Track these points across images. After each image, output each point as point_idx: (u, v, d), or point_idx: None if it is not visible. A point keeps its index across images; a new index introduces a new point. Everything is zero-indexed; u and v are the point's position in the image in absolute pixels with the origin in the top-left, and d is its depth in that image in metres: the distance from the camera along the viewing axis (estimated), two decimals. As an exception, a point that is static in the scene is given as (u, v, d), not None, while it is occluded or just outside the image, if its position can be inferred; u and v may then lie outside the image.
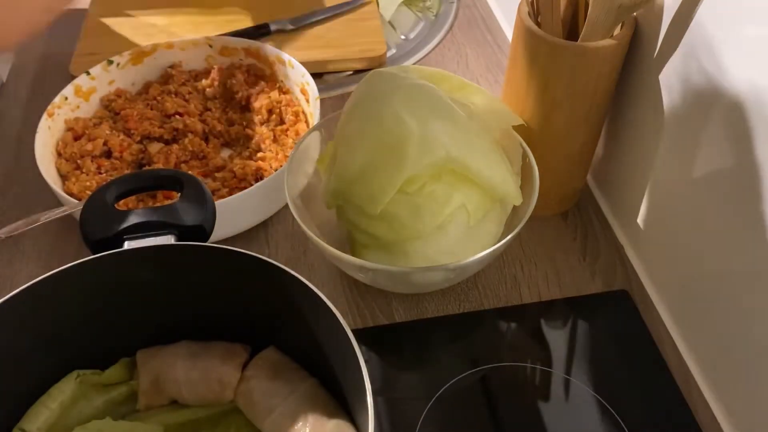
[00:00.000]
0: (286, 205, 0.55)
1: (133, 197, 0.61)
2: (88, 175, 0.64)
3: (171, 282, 0.45)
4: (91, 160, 0.65)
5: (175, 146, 0.67)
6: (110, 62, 0.72)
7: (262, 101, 0.71)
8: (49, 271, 0.41)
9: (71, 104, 0.70)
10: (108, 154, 0.67)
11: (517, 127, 0.58)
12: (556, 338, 0.56)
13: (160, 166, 0.66)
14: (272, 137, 0.69)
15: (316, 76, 0.76)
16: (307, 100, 0.72)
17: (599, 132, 0.61)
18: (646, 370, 0.53)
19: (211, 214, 0.47)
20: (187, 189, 0.47)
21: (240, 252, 0.43)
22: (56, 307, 0.43)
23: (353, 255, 0.55)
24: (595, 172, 0.68)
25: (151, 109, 0.71)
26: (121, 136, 0.67)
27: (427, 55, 0.87)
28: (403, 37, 0.91)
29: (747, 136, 0.44)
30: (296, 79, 0.73)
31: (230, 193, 0.62)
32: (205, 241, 0.46)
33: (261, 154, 0.66)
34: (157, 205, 0.60)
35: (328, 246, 0.51)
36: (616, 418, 0.50)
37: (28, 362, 0.43)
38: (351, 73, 0.84)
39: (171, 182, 0.49)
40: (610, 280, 0.61)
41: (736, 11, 0.43)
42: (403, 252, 0.52)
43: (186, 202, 0.46)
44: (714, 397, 0.52)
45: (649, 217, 0.58)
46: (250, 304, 0.45)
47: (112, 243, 0.44)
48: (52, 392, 0.44)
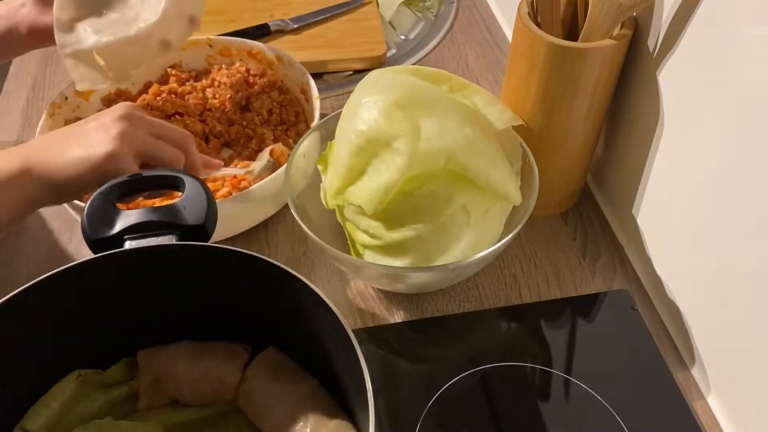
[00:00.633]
0: (286, 205, 0.55)
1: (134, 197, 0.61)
2: (88, 175, 0.64)
3: (172, 282, 0.45)
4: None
5: None
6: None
7: (262, 101, 0.72)
8: (49, 271, 0.41)
9: (71, 104, 0.70)
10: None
11: (517, 127, 0.58)
12: (556, 338, 0.56)
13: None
14: (272, 137, 0.69)
15: (316, 76, 0.76)
16: (307, 100, 0.72)
17: (599, 132, 0.61)
18: (646, 370, 0.53)
19: (212, 214, 0.47)
20: (188, 189, 0.47)
21: (241, 252, 0.43)
22: (57, 307, 0.43)
23: (353, 255, 0.55)
24: (595, 172, 0.68)
25: (151, 109, 0.71)
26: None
27: (427, 55, 0.88)
28: (403, 37, 0.91)
29: (747, 135, 0.44)
30: (296, 79, 0.73)
31: (230, 193, 0.62)
32: (206, 241, 0.46)
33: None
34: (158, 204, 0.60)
35: (328, 246, 0.51)
36: (616, 418, 0.50)
37: (29, 362, 0.43)
38: (351, 73, 0.84)
39: (172, 182, 0.49)
40: (610, 280, 0.61)
41: (736, 11, 0.44)
42: (403, 252, 0.52)
43: (187, 202, 0.46)
44: (714, 397, 0.52)
45: (649, 217, 0.58)
46: (250, 304, 0.46)
47: (114, 243, 0.44)
48: (54, 391, 0.44)
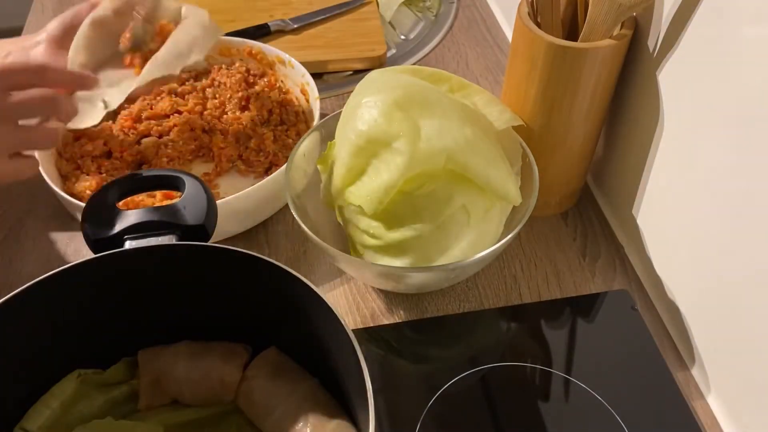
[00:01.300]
0: (286, 205, 0.55)
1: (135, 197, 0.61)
2: (88, 175, 0.64)
3: (172, 282, 0.45)
4: (92, 160, 0.65)
5: (173, 137, 0.67)
6: (111, 61, 0.72)
7: (262, 101, 0.71)
8: (50, 271, 0.41)
9: None
10: (108, 154, 0.67)
11: (517, 127, 0.58)
12: (556, 338, 0.56)
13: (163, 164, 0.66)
14: (272, 137, 0.69)
15: (316, 76, 0.76)
16: (307, 100, 0.72)
17: (599, 132, 0.61)
18: (646, 370, 0.53)
19: (212, 214, 0.47)
20: (188, 189, 0.47)
21: (241, 252, 0.43)
22: (57, 307, 0.43)
23: (353, 255, 0.55)
24: (595, 172, 0.68)
25: (151, 109, 0.71)
26: (121, 136, 0.67)
27: (426, 55, 0.88)
28: (403, 37, 0.91)
29: (747, 135, 0.44)
30: (296, 79, 0.73)
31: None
32: (206, 241, 0.46)
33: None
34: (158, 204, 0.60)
35: (328, 246, 0.51)
36: (616, 418, 0.50)
37: (29, 361, 0.43)
38: (351, 73, 0.84)
39: (172, 182, 0.49)
40: (610, 280, 0.61)
41: (736, 11, 0.44)
42: (403, 252, 0.52)
43: (187, 202, 0.46)
44: (714, 397, 0.52)
45: (649, 217, 0.58)
46: (250, 304, 0.46)
47: (114, 243, 0.44)
48: (54, 391, 0.44)
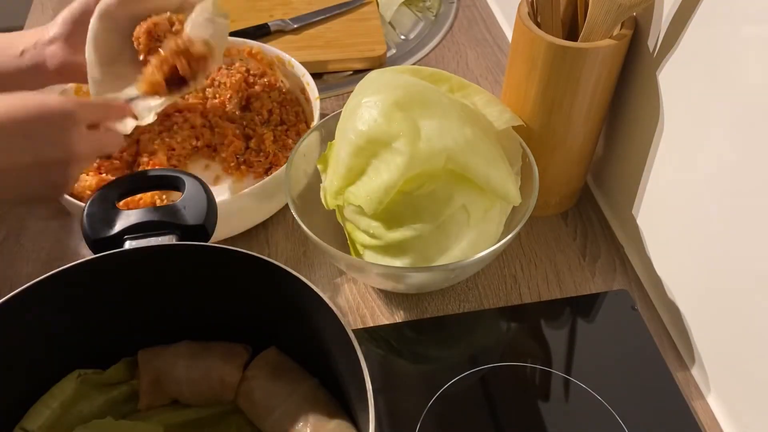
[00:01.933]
0: (286, 205, 0.55)
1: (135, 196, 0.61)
2: (88, 175, 0.64)
3: (172, 282, 0.45)
4: (92, 160, 0.65)
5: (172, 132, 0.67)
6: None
7: (262, 101, 0.71)
8: (49, 271, 0.41)
9: None
10: (108, 154, 0.67)
11: (517, 127, 0.58)
12: (556, 338, 0.56)
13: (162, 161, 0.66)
14: (272, 137, 0.69)
15: (316, 76, 0.76)
16: (307, 100, 0.72)
17: (599, 132, 0.61)
18: (646, 370, 0.53)
19: (212, 214, 0.47)
20: (188, 189, 0.47)
21: (240, 252, 0.43)
22: (57, 307, 0.43)
23: (353, 255, 0.55)
24: (595, 172, 0.68)
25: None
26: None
27: (426, 55, 0.88)
28: (403, 37, 0.91)
29: (747, 135, 0.44)
30: (296, 79, 0.73)
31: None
32: (206, 241, 0.46)
33: None
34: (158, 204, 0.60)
35: (328, 246, 0.51)
36: (616, 418, 0.50)
37: (29, 361, 0.43)
38: (351, 73, 0.84)
39: (172, 182, 0.49)
40: (610, 280, 0.61)
41: (736, 11, 0.44)
42: (403, 252, 0.52)
43: (187, 202, 0.46)
44: (714, 397, 0.52)
45: (649, 217, 0.58)
46: (250, 304, 0.46)
47: (114, 243, 0.44)
48: (54, 391, 0.44)
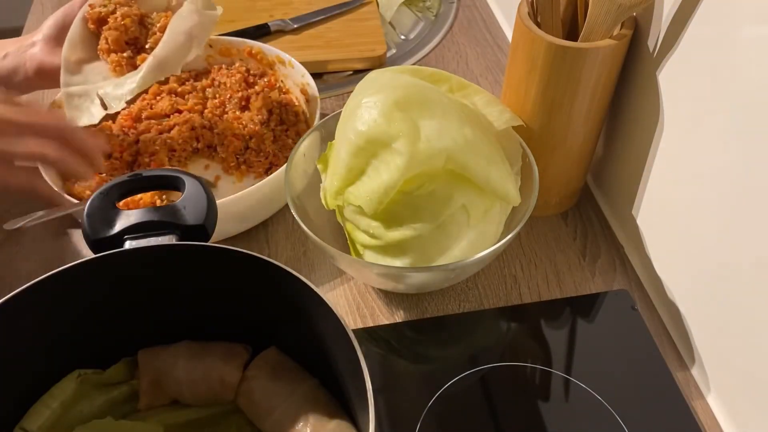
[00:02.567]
0: (286, 205, 0.55)
1: (135, 196, 0.61)
2: (87, 175, 0.64)
3: (172, 282, 0.45)
4: (91, 160, 0.65)
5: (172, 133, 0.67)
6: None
7: (262, 101, 0.71)
8: (49, 271, 0.41)
9: None
10: (108, 155, 0.67)
11: (517, 127, 0.58)
12: (556, 338, 0.56)
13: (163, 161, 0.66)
14: (272, 137, 0.69)
15: (316, 76, 0.76)
16: (307, 100, 0.72)
17: (599, 132, 0.61)
18: (646, 370, 0.53)
19: (212, 214, 0.47)
20: (188, 189, 0.47)
21: (241, 252, 0.43)
22: (57, 307, 0.43)
23: (353, 255, 0.55)
24: (595, 172, 0.68)
25: (151, 108, 0.71)
26: (121, 136, 0.67)
27: (427, 55, 0.88)
28: (403, 37, 0.91)
29: (747, 134, 0.44)
30: (296, 79, 0.73)
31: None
32: (206, 241, 0.46)
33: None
34: (158, 204, 0.60)
35: (328, 246, 0.51)
36: (616, 418, 0.50)
37: (29, 361, 0.43)
38: (351, 73, 0.84)
39: (172, 182, 0.49)
40: (610, 280, 0.61)
41: (736, 11, 0.44)
42: (403, 252, 0.52)
43: (187, 202, 0.46)
44: (714, 397, 0.52)
45: (649, 217, 0.58)
46: (250, 304, 0.46)
47: (114, 243, 0.44)
48: (54, 391, 0.44)
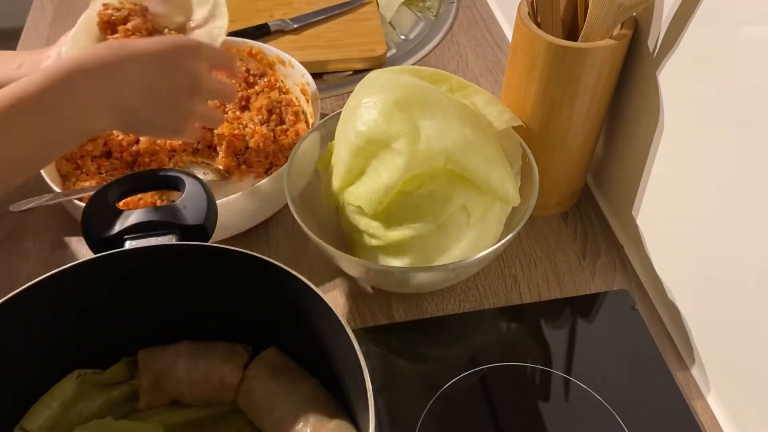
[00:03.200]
0: (286, 205, 0.55)
1: (135, 196, 0.61)
2: (88, 175, 0.64)
3: (172, 282, 0.45)
4: (91, 160, 0.65)
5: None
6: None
7: (262, 101, 0.71)
8: (49, 271, 0.41)
9: None
10: (108, 155, 0.67)
11: (517, 127, 0.58)
12: (556, 338, 0.56)
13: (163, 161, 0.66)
14: (272, 137, 0.69)
15: (316, 76, 0.76)
16: (308, 100, 0.72)
17: (599, 132, 0.61)
18: (646, 370, 0.53)
19: (212, 214, 0.47)
20: (188, 189, 0.47)
21: (241, 252, 0.43)
22: (57, 307, 0.43)
23: (353, 255, 0.55)
24: (595, 172, 0.68)
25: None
26: (121, 136, 0.67)
27: (426, 55, 0.88)
28: (403, 37, 0.91)
29: (747, 135, 0.44)
30: (296, 79, 0.73)
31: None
32: (206, 241, 0.46)
33: None
34: (159, 204, 0.60)
35: (328, 246, 0.51)
36: (616, 418, 0.50)
37: (29, 361, 0.43)
38: (351, 73, 0.84)
39: (172, 182, 0.49)
40: (610, 280, 0.61)
41: (736, 11, 0.44)
42: (403, 252, 0.52)
43: (187, 202, 0.46)
44: (714, 397, 0.52)
45: (649, 217, 0.58)
46: (250, 304, 0.46)
47: (114, 243, 0.44)
48: (54, 391, 0.44)
